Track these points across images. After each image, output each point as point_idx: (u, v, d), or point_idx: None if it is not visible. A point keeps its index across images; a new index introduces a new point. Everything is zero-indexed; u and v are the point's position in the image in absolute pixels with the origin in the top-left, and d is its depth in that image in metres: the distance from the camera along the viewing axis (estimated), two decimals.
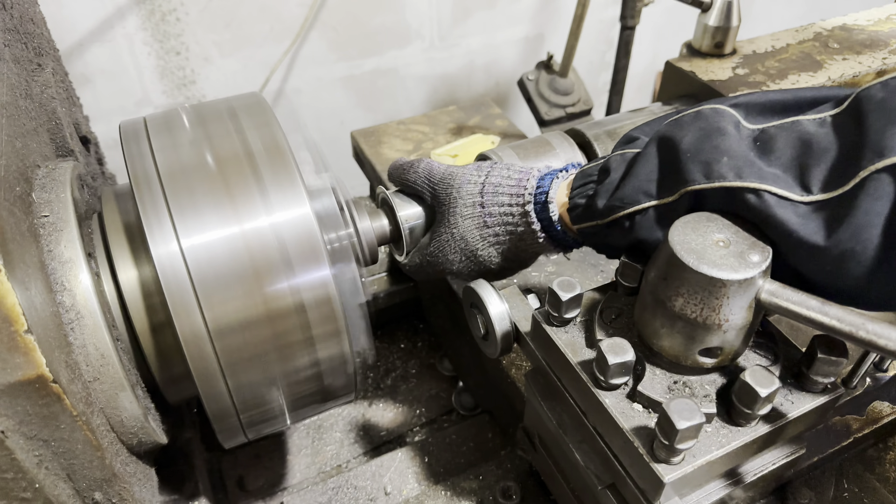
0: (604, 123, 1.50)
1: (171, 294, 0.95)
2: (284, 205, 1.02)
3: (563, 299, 0.99)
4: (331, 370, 1.11)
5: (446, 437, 1.54)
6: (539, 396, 1.13)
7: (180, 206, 0.98)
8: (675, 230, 0.88)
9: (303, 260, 1.01)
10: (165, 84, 2.65)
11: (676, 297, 0.86)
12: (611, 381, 0.93)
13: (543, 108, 2.08)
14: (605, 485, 1.02)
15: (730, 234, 0.88)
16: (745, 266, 0.83)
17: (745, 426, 0.91)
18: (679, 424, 0.81)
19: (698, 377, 0.94)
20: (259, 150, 1.06)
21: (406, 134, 2.08)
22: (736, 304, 0.85)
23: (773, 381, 0.87)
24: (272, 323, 1.01)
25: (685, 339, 0.89)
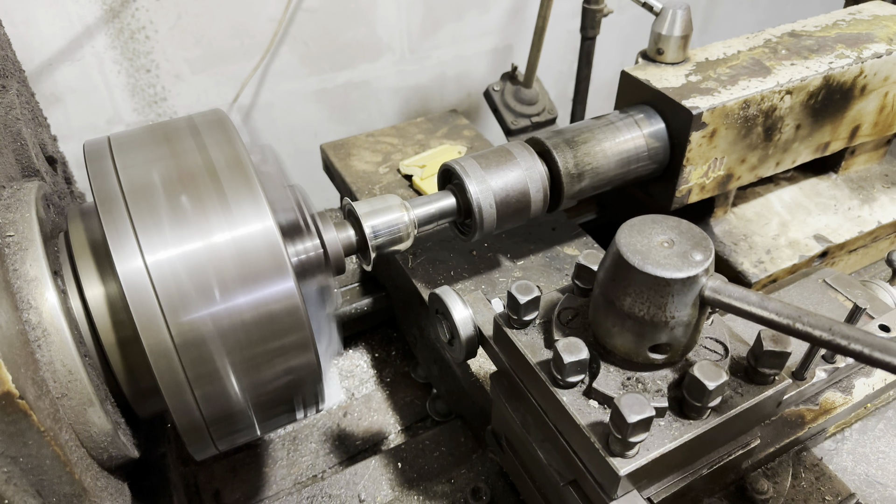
0: (563, 132, 1.53)
1: (137, 309, 0.95)
2: (247, 219, 1.02)
3: (521, 302, 1.02)
4: (299, 380, 1.11)
5: (419, 443, 1.56)
6: (504, 398, 1.16)
7: (144, 223, 0.99)
8: (622, 233, 0.91)
9: (266, 272, 1.01)
10: (136, 101, 2.65)
11: (625, 296, 0.89)
12: (567, 379, 0.96)
13: (509, 118, 2.13)
14: (567, 481, 1.05)
15: (674, 234, 0.91)
16: (688, 265, 0.87)
17: (696, 419, 0.95)
18: (630, 418, 0.84)
19: (650, 373, 0.97)
20: (221, 165, 1.06)
21: (375, 146, 2.09)
22: (681, 301, 0.88)
23: (721, 374, 0.90)
24: (239, 335, 1.01)
25: (635, 336, 0.92)
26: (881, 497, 1.23)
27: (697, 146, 1.50)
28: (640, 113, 1.54)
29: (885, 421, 1.35)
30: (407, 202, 1.35)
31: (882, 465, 1.28)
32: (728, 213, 1.78)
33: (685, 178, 1.56)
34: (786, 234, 1.75)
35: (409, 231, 1.33)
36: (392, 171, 2.00)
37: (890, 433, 1.32)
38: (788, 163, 1.70)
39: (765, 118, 1.55)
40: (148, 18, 2.46)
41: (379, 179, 1.95)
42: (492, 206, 1.39)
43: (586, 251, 1.07)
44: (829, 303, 1.42)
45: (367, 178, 1.96)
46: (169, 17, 2.49)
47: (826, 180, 1.91)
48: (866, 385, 1.24)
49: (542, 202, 1.45)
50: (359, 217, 1.29)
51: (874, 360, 0.75)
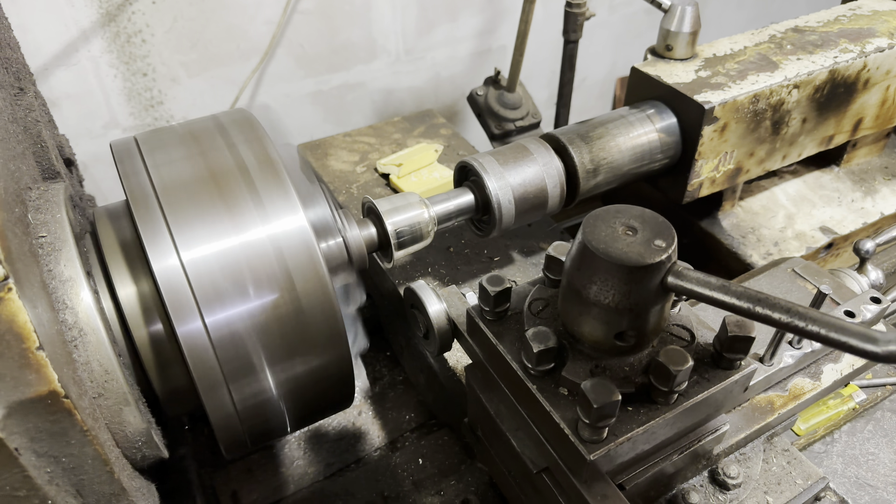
0: (578, 128, 1.56)
1: (174, 306, 0.97)
2: (280, 216, 1.04)
3: (491, 294, 1.04)
4: (331, 376, 1.13)
5: (406, 454, 1.54)
6: (478, 389, 1.18)
7: (178, 221, 1.01)
8: (587, 223, 0.93)
9: (301, 268, 1.03)
10: (133, 106, 2.69)
11: (590, 285, 0.91)
12: (537, 368, 0.98)
13: (493, 123, 2.15)
14: (540, 469, 1.07)
15: (637, 223, 0.93)
16: (650, 252, 0.89)
17: (664, 404, 0.97)
18: (596, 402, 0.86)
19: (618, 360, 0.99)
20: (252, 163, 1.09)
21: (352, 146, 2.13)
22: (644, 288, 0.90)
23: (686, 359, 0.92)
24: (274, 331, 1.03)
25: (601, 324, 0.94)
26: (872, 499, 1.25)
27: (709, 140, 1.55)
28: (651, 108, 1.58)
29: (874, 423, 1.37)
30: (426, 199, 1.38)
31: (872, 468, 1.30)
32: (735, 207, 1.83)
33: (697, 172, 1.61)
34: (792, 226, 1.80)
35: (430, 228, 1.35)
36: (369, 170, 2.05)
37: (878, 434, 1.34)
38: (794, 156, 1.76)
39: (773, 112, 1.61)
40: (144, 22, 2.50)
41: (356, 178, 2.00)
42: (510, 201, 1.42)
43: (556, 242, 1.10)
44: (797, 291, 1.45)
45: (344, 177, 2.00)
46: (165, 21, 2.53)
47: (829, 173, 1.96)
48: (834, 371, 1.27)
49: (559, 197, 1.49)
50: (380, 214, 1.31)
51: (832, 341, 0.77)
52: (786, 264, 1.52)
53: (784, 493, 1.24)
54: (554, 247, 1.09)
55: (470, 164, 1.45)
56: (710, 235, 1.80)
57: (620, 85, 4.03)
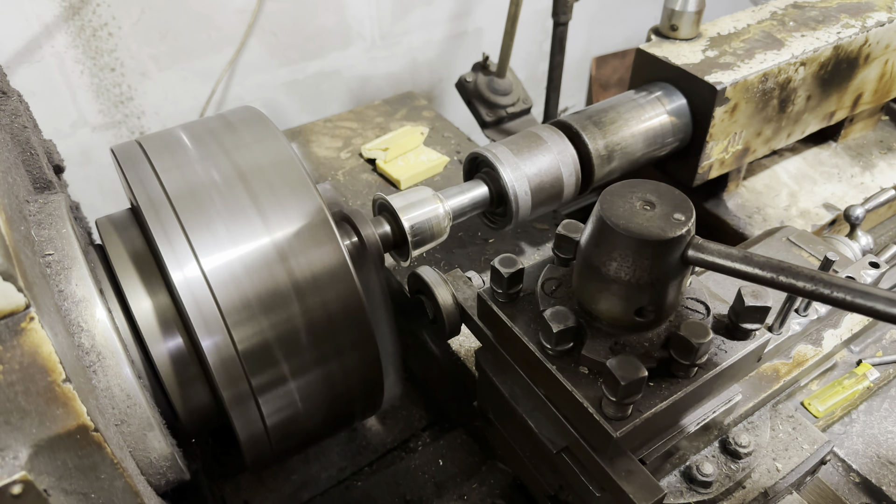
0: (588, 113, 1.56)
1: (197, 319, 0.93)
2: (304, 217, 1.01)
3: (504, 275, 1.03)
4: (362, 381, 1.10)
5: (422, 457, 1.52)
6: (490, 372, 1.17)
7: (197, 227, 0.96)
8: (604, 198, 0.92)
9: (328, 272, 1.00)
10: (101, 102, 2.62)
11: (609, 261, 0.91)
12: (556, 348, 0.97)
13: (483, 110, 2.13)
14: (560, 448, 1.07)
15: (654, 197, 0.93)
16: (670, 226, 0.88)
17: (684, 377, 0.97)
18: (623, 380, 0.85)
19: (637, 336, 0.99)
20: (268, 163, 1.05)
21: (334, 131, 2.12)
22: (665, 262, 0.90)
23: (707, 331, 0.92)
24: (303, 340, 1.00)
25: (620, 300, 0.94)
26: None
27: (720, 121, 1.57)
28: (659, 90, 1.59)
29: (890, 400, 1.40)
30: (439, 193, 1.36)
31: (892, 446, 1.33)
32: (740, 187, 1.85)
33: (707, 154, 1.62)
34: (796, 204, 1.84)
35: (445, 224, 1.33)
36: (354, 155, 2.04)
37: None
38: (798, 134, 1.79)
39: (780, 90, 1.64)
40: (110, 14, 2.43)
41: (341, 165, 1.99)
42: (527, 192, 1.41)
43: (565, 220, 1.09)
44: (794, 259, 1.49)
45: (328, 164, 2.00)
46: (132, 13, 2.47)
47: (827, 149, 2.00)
48: (834, 336, 1.31)
49: (575, 186, 1.49)
50: (395, 211, 1.28)
51: (857, 307, 0.77)
52: (780, 233, 1.54)
53: (792, 458, 1.26)
54: (564, 225, 1.08)
55: (483, 154, 1.43)
56: (716, 217, 1.84)
57: (596, 65, 4.04)
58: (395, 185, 1.92)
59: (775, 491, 1.23)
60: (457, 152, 2.06)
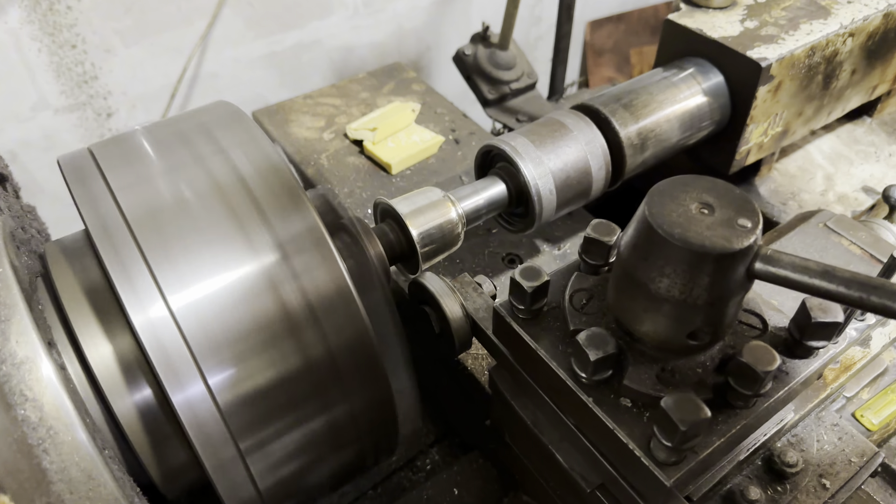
0: (615, 94, 1.37)
1: (164, 369, 0.76)
2: (296, 238, 0.83)
3: (528, 290, 0.87)
4: (373, 425, 0.94)
5: (434, 486, 1.34)
6: (508, 394, 1.02)
7: (161, 257, 0.79)
8: (652, 201, 0.76)
9: (329, 300, 0.82)
10: (63, 83, 2.40)
11: (660, 277, 0.75)
12: (593, 377, 0.81)
13: (485, 87, 1.92)
14: (594, 486, 0.92)
15: (711, 198, 0.77)
16: (735, 234, 0.72)
17: (743, 407, 0.82)
18: (683, 424, 0.70)
19: (686, 360, 0.85)
20: (251, 172, 0.87)
21: (315, 109, 1.93)
22: (729, 278, 0.75)
23: (773, 357, 0.79)
24: (299, 384, 0.83)
25: (671, 321, 0.79)
26: None
27: (762, 102, 1.41)
28: (691, 66, 1.43)
29: None
30: (450, 194, 1.18)
31: None
32: (772, 171, 1.69)
33: (746, 137, 1.45)
34: (833, 188, 1.70)
35: (459, 230, 1.16)
36: (338, 136, 1.86)
37: None
38: (839, 112, 1.65)
39: (826, 65, 1.48)
40: None
41: (324, 147, 1.82)
42: (552, 191, 1.23)
43: (595, 221, 0.93)
44: (833, 248, 1.34)
45: (310, 146, 1.82)
46: None
47: (861, 125, 1.85)
48: (882, 335, 1.18)
49: (604, 181, 1.30)
50: (402, 219, 1.11)
51: None
52: (816, 219, 1.38)
53: (840, 474, 1.13)
54: (594, 226, 0.92)
55: (499, 147, 1.24)
56: None
57: (590, 29, 3.83)
58: (385, 170, 1.74)
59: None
60: (452, 130, 1.88)
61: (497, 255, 1.53)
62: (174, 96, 2.64)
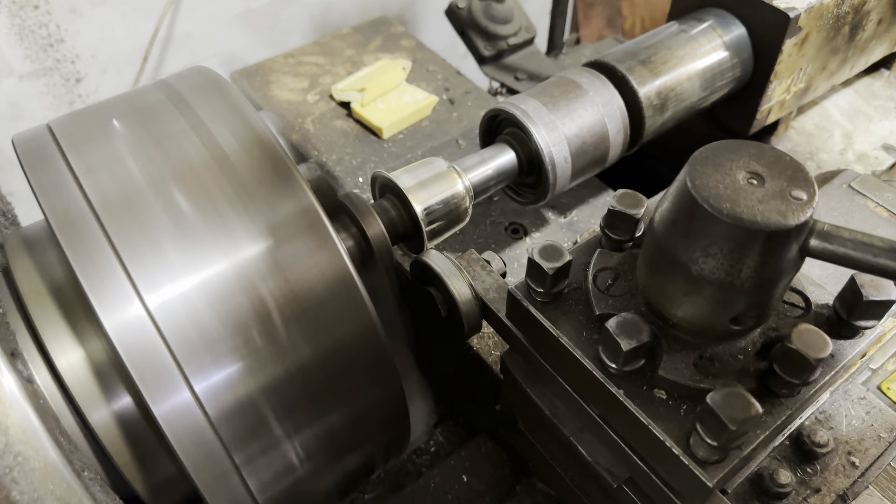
0: (630, 50, 1.24)
1: (144, 376, 0.67)
2: (288, 220, 0.74)
3: (548, 272, 0.77)
4: (381, 425, 0.87)
5: (442, 473, 1.26)
6: (522, 381, 0.94)
7: (135, 249, 0.69)
8: (694, 170, 0.67)
9: (326, 290, 0.74)
10: (27, 47, 2.25)
11: (704, 257, 0.66)
12: (624, 368, 0.73)
13: (481, 43, 1.79)
14: (622, 481, 0.84)
15: (760, 166, 0.67)
16: (790, 208, 0.63)
17: (788, 396, 0.74)
18: (733, 423, 0.62)
19: (725, 346, 0.77)
20: (234, 149, 0.77)
21: (297, 69, 1.80)
22: (780, 257, 0.65)
23: (825, 343, 0.71)
24: (297, 385, 0.74)
25: (715, 306, 0.71)
26: None
27: (788, 56, 1.30)
28: (710, 18, 1.31)
29: None
30: (455, 165, 1.08)
31: None
32: (789, 130, 1.57)
33: (769, 95, 1.34)
34: (852, 146, 1.60)
35: (467, 204, 1.06)
36: (324, 97, 1.73)
37: None
38: (861, 65, 1.54)
39: (854, 14, 1.37)
40: None
41: (309, 110, 1.69)
42: (566, 159, 1.12)
43: (619, 192, 0.84)
44: (859, 211, 1.25)
45: (294, 109, 1.70)
46: None
47: (879, 79, 1.75)
48: None
49: (622, 146, 1.19)
50: (404, 194, 1.01)
51: None
52: (838, 179, 1.30)
53: (869, 451, 1.06)
54: (618, 198, 0.83)
55: (507, 111, 1.13)
56: None
57: None
58: (375, 134, 1.62)
59: (854, 493, 1.04)
60: (445, 90, 1.76)
61: (500, 225, 1.43)
62: (146, 59, 2.49)
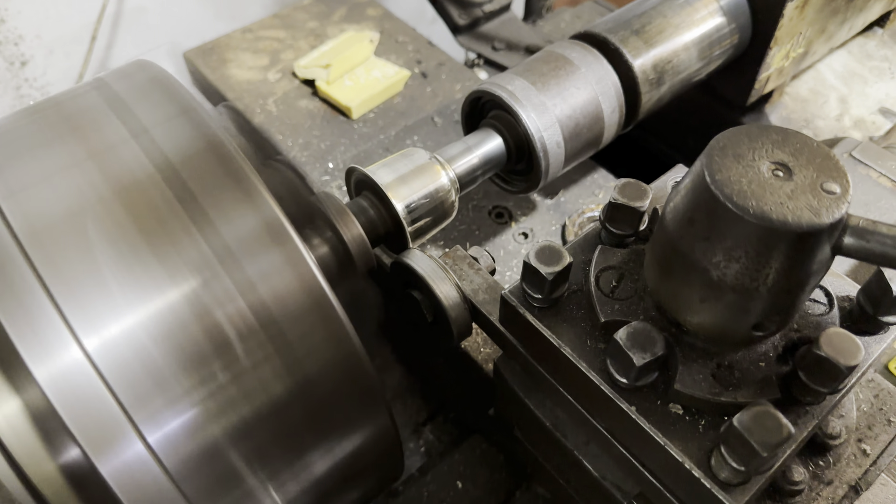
0: (622, 19, 1.15)
1: (85, 431, 0.58)
2: (248, 240, 0.65)
3: (547, 278, 0.69)
4: (370, 459, 0.79)
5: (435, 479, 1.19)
6: (519, 390, 0.86)
7: (67, 284, 0.60)
8: (711, 161, 0.59)
9: (296, 311, 0.65)
10: None
11: (728, 262, 0.59)
12: (636, 382, 0.65)
13: (455, 11, 1.68)
14: (631, 497, 0.78)
15: (785, 154, 0.59)
16: (825, 203, 0.56)
17: (813, 403, 0.68)
18: (765, 448, 0.55)
19: (745, 352, 0.70)
20: (181, 158, 0.67)
21: (256, 45, 1.69)
22: (810, 258, 0.58)
23: (857, 347, 0.65)
24: (269, 425, 0.66)
25: (738, 312, 0.64)
26: None
27: (789, 20, 1.23)
28: None
29: None
30: (437, 155, 0.99)
31: None
32: (783, 96, 1.51)
33: (768, 62, 1.26)
34: (848, 111, 1.54)
35: (453, 199, 0.98)
36: (286, 75, 1.63)
37: None
38: (860, 25, 1.49)
39: None
40: None
41: (271, 90, 1.59)
42: (559, 144, 1.03)
43: (621, 182, 0.77)
44: (861, 182, 1.21)
45: (254, 89, 1.59)
46: None
47: (872, 38, 1.70)
48: None
49: (617, 126, 1.11)
50: (383, 191, 0.92)
51: None
52: (839, 148, 1.24)
53: (879, 437, 1.02)
54: (620, 188, 0.75)
55: (492, 93, 1.04)
56: None
57: None
58: (344, 114, 1.52)
59: (867, 482, 0.99)
60: (417, 62, 1.65)
61: (483, 210, 1.35)
62: (95, 38, 2.33)
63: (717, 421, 0.67)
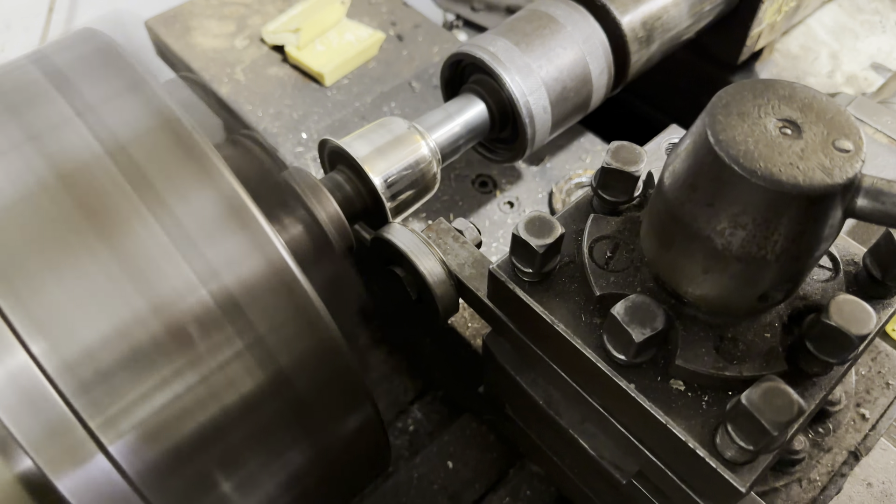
0: None
1: (36, 444, 0.53)
2: (211, 222, 0.60)
3: (538, 250, 0.65)
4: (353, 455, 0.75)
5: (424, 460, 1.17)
6: (510, 368, 0.83)
7: (9, 282, 0.55)
8: (715, 120, 0.54)
9: (265, 300, 0.61)
10: None
11: (734, 229, 0.55)
12: (635, 359, 0.62)
13: None
14: (631, 475, 0.75)
15: (793, 111, 0.55)
16: (837, 163, 0.52)
17: (820, 374, 0.64)
18: (775, 428, 0.52)
19: (749, 323, 0.66)
20: (133, 136, 0.62)
21: (221, 10, 1.63)
22: (822, 222, 0.54)
23: (868, 315, 0.61)
24: (240, 427, 0.62)
25: (743, 283, 0.60)
26: None
27: None
28: None
29: None
30: (416, 124, 0.95)
31: None
32: (773, 53, 1.46)
33: (760, 18, 1.22)
34: (840, 68, 1.52)
35: (434, 170, 0.93)
36: (254, 42, 1.57)
37: None
38: None
39: None
40: None
41: (238, 58, 1.52)
42: (546, 108, 0.98)
43: (614, 145, 0.72)
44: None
45: (220, 58, 1.53)
46: None
47: None
48: None
49: (606, 87, 1.06)
50: (359, 164, 0.87)
51: None
52: None
53: (878, 400, 1.01)
54: (613, 152, 0.70)
55: (472, 55, 0.98)
56: None
57: None
58: (316, 81, 1.46)
59: (867, 448, 0.98)
60: (392, 24, 1.59)
61: (465, 179, 1.30)
62: (52, 9, 2.22)
63: (721, 397, 0.64)
